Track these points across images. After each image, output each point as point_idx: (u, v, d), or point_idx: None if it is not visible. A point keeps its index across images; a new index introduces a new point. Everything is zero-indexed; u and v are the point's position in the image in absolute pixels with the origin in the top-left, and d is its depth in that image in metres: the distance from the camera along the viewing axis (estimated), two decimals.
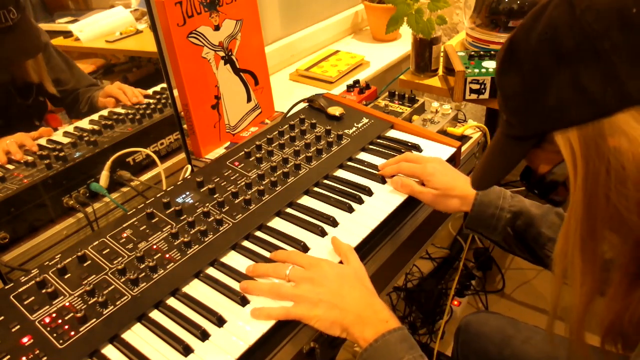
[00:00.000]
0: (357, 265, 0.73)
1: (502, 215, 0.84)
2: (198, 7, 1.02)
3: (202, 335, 0.65)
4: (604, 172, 0.51)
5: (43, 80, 0.88)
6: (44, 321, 0.66)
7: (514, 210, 0.84)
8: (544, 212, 0.83)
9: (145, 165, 1.05)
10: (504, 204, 0.85)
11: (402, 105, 1.18)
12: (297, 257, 0.73)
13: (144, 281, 0.71)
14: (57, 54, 0.93)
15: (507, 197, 0.85)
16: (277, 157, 0.95)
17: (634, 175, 0.50)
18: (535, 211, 0.84)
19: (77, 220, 0.94)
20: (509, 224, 0.84)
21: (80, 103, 0.97)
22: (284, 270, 0.71)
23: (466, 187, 0.86)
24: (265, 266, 0.73)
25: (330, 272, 0.70)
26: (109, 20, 1.01)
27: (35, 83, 0.88)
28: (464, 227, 0.90)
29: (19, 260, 0.86)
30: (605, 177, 0.51)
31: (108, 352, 0.64)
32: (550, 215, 0.83)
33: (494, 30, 1.42)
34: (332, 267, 0.71)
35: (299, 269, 0.71)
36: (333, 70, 1.49)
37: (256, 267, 0.73)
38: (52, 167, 0.90)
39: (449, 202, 0.87)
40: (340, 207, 0.86)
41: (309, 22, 1.70)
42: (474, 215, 0.86)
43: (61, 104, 0.95)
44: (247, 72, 1.18)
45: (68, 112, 0.96)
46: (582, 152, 0.51)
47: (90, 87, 0.98)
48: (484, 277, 1.88)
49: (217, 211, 0.83)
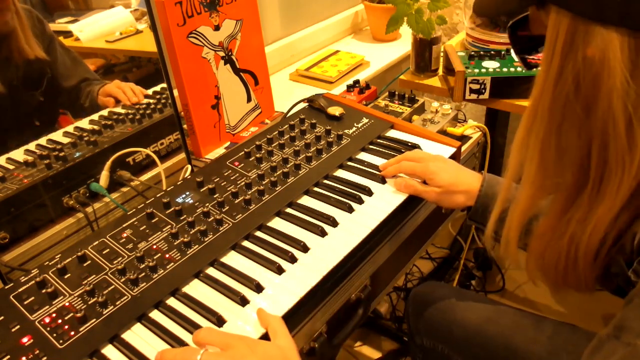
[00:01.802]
0: (285, 343, 0.61)
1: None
2: (198, 7, 1.02)
3: None
4: (570, 73, 0.52)
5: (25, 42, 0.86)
6: (44, 321, 0.66)
7: None
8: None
9: (145, 165, 1.05)
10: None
11: (402, 105, 1.19)
12: (212, 337, 0.62)
13: (144, 281, 0.71)
14: (62, 49, 0.92)
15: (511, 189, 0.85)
16: (277, 157, 0.95)
17: (584, 93, 0.52)
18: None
19: (77, 220, 0.94)
20: None
21: (81, 98, 0.97)
22: (195, 356, 0.59)
23: (470, 182, 0.86)
24: (173, 352, 0.61)
25: (250, 355, 0.59)
26: (109, 20, 1.01)
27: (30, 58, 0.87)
28: (467, 219, 0.90)
29: (19, 260, 0.86)
30: (570, 78, 0.52)
31: (108, 352, 0.64)
32: None
33: (494, 30, 1.42)
34: (252, 347, 0.60)
35: (213, 354, 0.59)
36: (333, 70, 1.49)
37: (163, 355, 0.61)
38: (52, 167, 0.90)
39: (454, 198, 0.87)
40: (340, 207, 0.86)
41: (309, 22, 1.70)
42: (478, 207, 0.86)
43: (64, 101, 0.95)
44: (247, 72, 1.18)
45: (70, 110, 0.96)
46: (564, 41, 0.52)
47: (91, 82, 0.98)
48: (484, 277, 1.88)
49: (217, 211, 0.83)
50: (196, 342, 0.62)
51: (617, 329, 0.53)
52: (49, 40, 0.90)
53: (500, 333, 0.90)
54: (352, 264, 0.79)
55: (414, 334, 1.02)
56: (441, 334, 0.96)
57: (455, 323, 0.94)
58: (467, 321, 0.93)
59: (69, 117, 0.97)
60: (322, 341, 0.76)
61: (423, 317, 0.99)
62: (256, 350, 0.59)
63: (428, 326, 0.98)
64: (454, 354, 0.95)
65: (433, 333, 0.98)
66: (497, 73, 1.26)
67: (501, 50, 1.36)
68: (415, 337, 1.02)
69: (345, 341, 0.76)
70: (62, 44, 0.93)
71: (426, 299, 1.01)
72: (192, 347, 0.63)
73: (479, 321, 0.92)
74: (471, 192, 0.86)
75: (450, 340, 0.95)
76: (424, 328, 0.99)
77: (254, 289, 0.71)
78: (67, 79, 0.94)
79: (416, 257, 1.06)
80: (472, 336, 0.92)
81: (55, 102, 0.93)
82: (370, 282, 0.85)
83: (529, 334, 0.88)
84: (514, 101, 1.28)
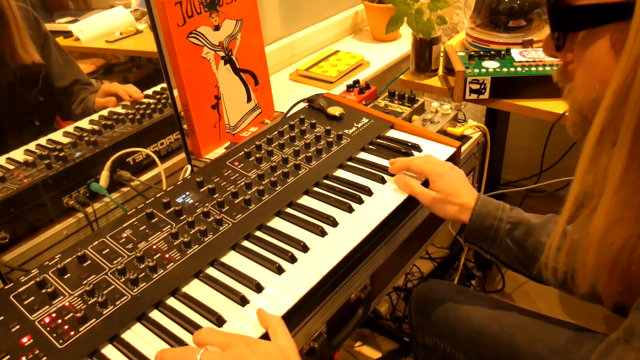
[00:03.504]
0: (285, 343, 0.61)
1: (501, 227, 0.84)
2: (198, 7, 1.02)
3: None
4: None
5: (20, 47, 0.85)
6: (43, 321, 0.66)
7: (512, 221, 0.83)
8: (544, 221, 0.83)
9: (145, 165, 1.05)
10: (502, 215, 0.84)
11: (402, 105, 1.19)
12: (212, 337, 0.61)
13: (144, 281, 0.71)
14: (57, 48, 0.92)
15: (506, 209, 0.85)
16: (277, 157, 0.95)
17: None
18: (534, 221, 0.83)
19: (77, 220, 0.94)
20: (508, 235, 0.84)
21: (74, 103, 0.97)
22: (195, 355, 0.59)
23: (468, 197, 0.86)
24: (173, 352, 0.61)
25: (250, 355, 0.59)
26: (109, 20, 1.01)
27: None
28: (463, 242, 0.90)
29: (19, 260, 0.86)
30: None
31: (108, 352, 0.64)
32: (550, 224, 0.82)
33: (494, 30, 1.42)
34: (252, 347, 0.60)
35: (213, 353, 0.59)
36: (333, 70, 1.49)
37: (163, 354, 0.61)
38: (52, 167, 0.90)
39: (448, 208, 0.86)
40: (340, 207, 0.86)
41: (309, 22, 1.70)
42: (472, 226, 0.85)
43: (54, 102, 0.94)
44: (247, 72, 1.18)
45: (59, 111, 0.95)
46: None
47: (85, 87, 0.97)
48: (484, 277, 1.88)
49: (217, 211, 0.83)
50: (196, 342, 0.62)
51: (628, 333, 0.52)
52: (44, 39, 0.90)
53: (503, 332, 0.89)
54: (352, 263, 0.79)
55: (416, 332, 1.02)
56: (444, 332, 0.96)
57: (459, 321, 0.94)
58: (471, 319, 0.93)
59: None
60: (322, 341, 0.76)
61: (426, 315, 0.99)
62: (256, 349, 0.59)
63: (431, 324, 0.98)
64: (456, 352, 0.95)
65: (436, 331, 0.97)
66: (497, 73, 1.26)
67: (501, 50, 1.36)
68: (418, 336, 1.01)
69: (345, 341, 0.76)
70: (56, 43, 0.92)
71: (429, 297, 1.00)
72: (192, 347, 0.63)
73: (483, 320, 0.92)
74: (467, 207, 0.85)
75: (453, 339, 0.94)
76: (427, 326, 0.99)
77: (254, 289, 0.71)
78: (60, 79, 0.93)
79: (416, 257, 1.06)
80: (476, 335, 0.91)
81: (51, 100, 0.93)
82: (370, 282, 0.85)
83: (532, 333, 0.87)
84: (514, 101, 1.28)
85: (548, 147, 1.91)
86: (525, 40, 1.39)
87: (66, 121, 0.96)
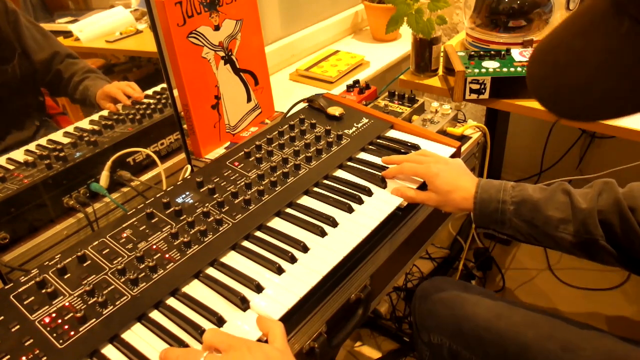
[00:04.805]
0: (283, 347, 0.63)
1: (506, 209, 0.83)
2: (198, 7, 1.02)
3: (201, 335, 0.65)
4: None
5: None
6: (43, 321, 0.66)
7: (516, 201, 0.82)
8: (549, 194, 0.81)
9: (146, 165, 1.05)
10: (505, 196, 0.83)
11: (402, 105, 1.19)
12: (215, 337, 0.62)
13: (144, 281, 0.71)
14: (29, 23, 0.90)
15: (507, 189, 0.84)
16: (277, 157, 0.95)
17: None
18: (538, 196, 0.82)
19: (77, 220, 0.94)
20: (515, 215, 0.83)
21: (63, 80, 0.95)
22: (198, 357, 0.60)
23: (468, 187, 0.86)
24: (177, 352, 0.63)
25: (250, 358, 0.59)
26: (109, 20, 1.01)
27: None
28: (476, 227, 0.90)
29: (19, 260, 0.86)
30: None
31: (108, 352, 0.64)
32: (556, 196, 0.81)
33: (494, 30, 1.42)
34: (253, 350, 0.60)
35: (214, 356, 0.60)
36: (333, 70, 1.49)
37: (167, 354, 0.62)
38: (52, 167, 0.90)
39: (451, 203, 0.87)
40: (340, 207, 0.86)
41: (309, 22, 1.70)
42: (478, 213, 0.85)
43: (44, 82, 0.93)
44: (247, 72, 1.18)
45: (51, 91, 0.94)
46: None
47: (71, 61, 0.95)
48: (484, 277, 1.88)
49: (216, 211, 0.83)
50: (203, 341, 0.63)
51: None
52: (13, 15, 0.87)
53: (511, 329, 0.88)
54: (352, 264, 0.79)
55: (420, 330, 1.01)
56: (449, 329, 0.95)
57: (465, 319, 0.93)
58: (477, 316, 0.92)
59: (68, 117, 0.97)
60: (322, 341, 0.76)
61: (430, 313, 0.98)
62: (256, 353, 0.60)
63: (436, 322, 0.97)
64: (462, 350, 0.93)
65: (441, 329, 0.96)
66: (497, 73, 1.26)
67: (501, 50, 1.36)
68: (422, 334, 1.00)
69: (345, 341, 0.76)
70: (27, 17, 0.89)
71: (433, 295, 0.99)
72: (195, 349, 0.63)
73: (490, 317, 0.91)
74: (467, 197, 0.85)
75: (459, 336, 0.93)
76: (432, 324, 0.98)
77: (254, 289, 0.71)
78: (38, 53, 0.91)
79: (416, 257, 1.06)
80: (483, 332, 0.90)
81: (32, 77, 0.91)
82: (370, 282, 0.85)
83: (542, 330, 0.87)
84: (514, 101, 1.28)
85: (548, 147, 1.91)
86: (525, 40, 1.39)
87: (56, 96, 0.95)
